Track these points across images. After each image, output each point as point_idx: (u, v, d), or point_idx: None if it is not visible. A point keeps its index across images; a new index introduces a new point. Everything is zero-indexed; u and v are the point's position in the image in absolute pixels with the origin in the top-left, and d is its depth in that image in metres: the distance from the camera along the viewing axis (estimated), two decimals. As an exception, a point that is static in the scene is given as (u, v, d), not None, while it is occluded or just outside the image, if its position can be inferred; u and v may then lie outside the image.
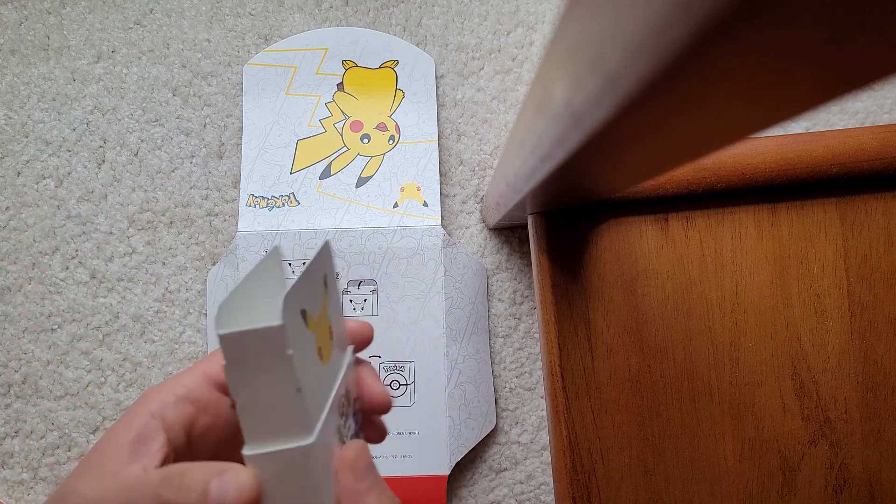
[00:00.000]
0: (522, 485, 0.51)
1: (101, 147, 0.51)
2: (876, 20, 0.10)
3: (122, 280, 0.50)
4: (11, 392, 0.49)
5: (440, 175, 0.51)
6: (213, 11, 0.52)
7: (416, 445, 0.47)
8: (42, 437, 0.48)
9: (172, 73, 0.51)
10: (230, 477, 0.20)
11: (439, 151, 0.51)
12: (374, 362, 0.49)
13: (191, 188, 0.51)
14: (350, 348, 0.26)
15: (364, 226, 0.49)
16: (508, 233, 0.52)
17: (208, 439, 0.24)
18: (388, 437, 0.29)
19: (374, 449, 0.25)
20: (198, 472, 0.20)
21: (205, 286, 0.50)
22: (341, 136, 0.50)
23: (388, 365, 0.48)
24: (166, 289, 0.50)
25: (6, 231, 0.50)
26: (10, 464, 0.49)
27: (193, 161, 0.51)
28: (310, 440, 0.20)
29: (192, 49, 0.52)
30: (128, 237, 0.50)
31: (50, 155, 0.51)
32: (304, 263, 0.48)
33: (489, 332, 0.51)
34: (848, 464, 0.38)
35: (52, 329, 0.50)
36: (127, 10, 0.52)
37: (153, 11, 0.52)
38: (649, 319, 0.38)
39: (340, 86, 0.51)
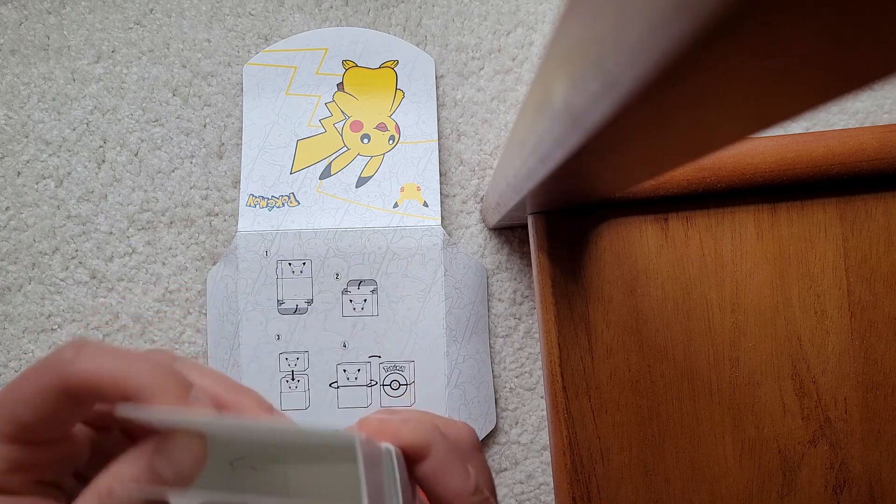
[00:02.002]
0: (522, 485, 0.51)
1: (101, 147, 0.51)
2: (876, 20, 0.10)
3: (122, 280, 0.50)
4: (11, 392, 0.49)
5: (440, 175, 0.51)
6: (213, 11, 0.52)
7: (416, 445, 0.47)
8: (42, 437, 0.48)
9: (172, 73, 0.51)
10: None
11: (439, 151, 0.51)
12: (374, 362, 0.49)
13: (191, 188, 0.51)
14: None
15: (364, 226, 0.49)
16: (508, 233, 0.52)
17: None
18: None
19: None
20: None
21: (205, 286, 0.50)
22: (341, 136, 0.50)
23: (388, 365, 0.48)
24: (166, 289, 0.50)
25: (6, 231, 0.50)
26: (10, 464, 0.49)
27: (193, 161, 0.51)
28: None
29: (192, 49, 0.52)
30: (128, 237, 0.50)
31: (50, 155, 0.51)
32: (304, 263, 0.48)
33: (489, 332, 0.51)
34: (848, 464, 0.38)
35: (52, 329, 0.50)
36: (127, 10, 0.52)
37: (153, 11, 0.52)
38: (649, 319, 0.38)
39: (340, 86, 0.51)
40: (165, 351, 0.22)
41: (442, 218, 0.50)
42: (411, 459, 0.22)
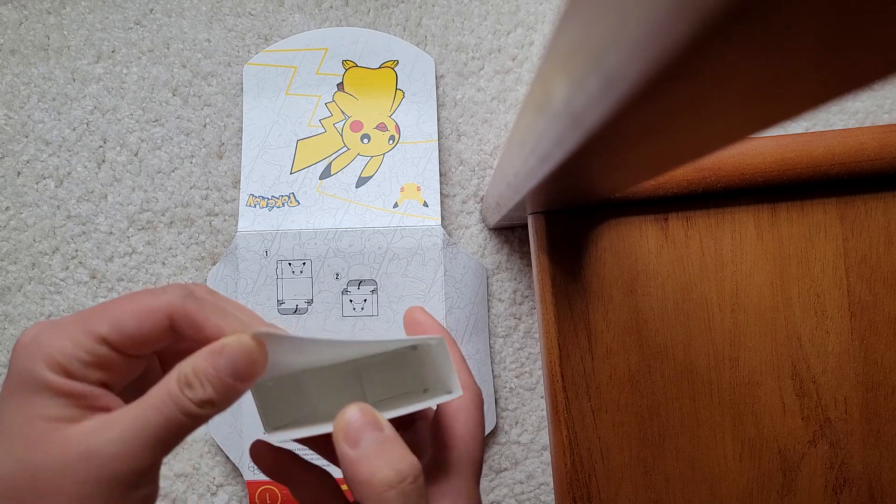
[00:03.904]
0: (522, 485, 0.51)
1: (101, 147, 0.51)
2: (876, 21, 0.10)
3: (122, 280, 0.50)
4: (11, 392, 0.49)
5: (440, 175, 0.51)
6: (213, 11, 0.52)
7: (416, 445, 0.47)
8: (42, 437, 0.48)
9: (172, 73, 0.51)
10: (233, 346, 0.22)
11: (439, 151, 0.51)
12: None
13: (191, 188, 0.51)
14: None
15: (364, 226, 0.49)
16: (508, 233, 0.52)
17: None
18: None
19: None
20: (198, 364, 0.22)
21: (205, 286, 0.50)
22: (341, 136, 0.50)
23: (388, 365, 0.48)
24: (166, 289, 0.50)
25: (6, 231, 0.50)
26: (10, 464, 0.49)
27: (193, 161, 0.51)
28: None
29: (192, 49, 0.52)
30: (128, 237, 0.50)
31: (50, 155, 0.51)
32: (303, 263, 0.48)
33: (489, 332, 0.51)
34: (848, 464, 0.38)
35: (52, 329, 0.50)
36: (127, 10, 0.52)
37: (153, 11, 0.52)
38: (649, 319, 0.38)
39: (340, 86, 0.51)
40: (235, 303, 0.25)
41: (442, 218, 0.50)
42: None
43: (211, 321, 0.22)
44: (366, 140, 0.50)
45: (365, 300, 0.48)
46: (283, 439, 0.23)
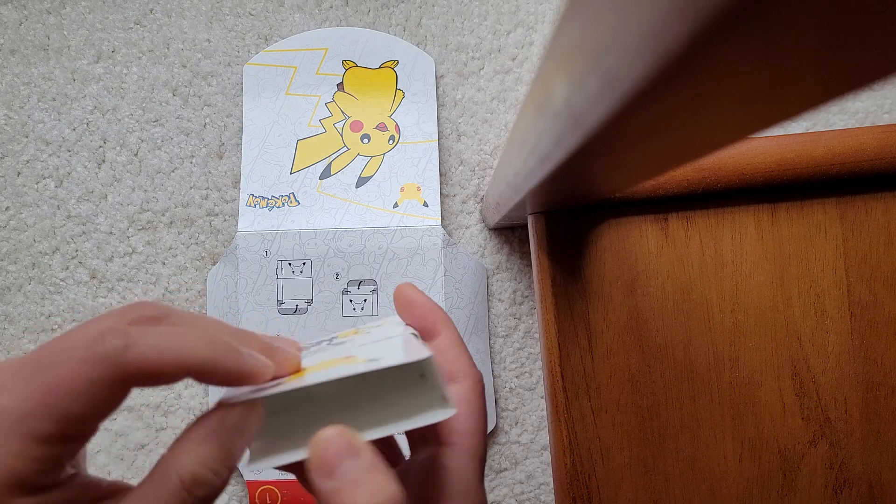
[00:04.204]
0: (522, 485, 0.51)
1: (101, 147, 0.51)
2: (876, 21, 0.10)
3: (122, 280, 0.50)
4: (11, 392, 0.49)
5: (440, 175, 0.51)
6: (213, 11, 0.52)
7: (416, 445, 0.47)
8: (42, 437, 0.48)
9: (172, 73, 0.51)
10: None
11: (439, 151, 0.51)
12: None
13: (191, 188, 0.51)
14: None
15: (364, 226, 0.49)
16: (508, 233, 0.52)
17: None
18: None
19: None
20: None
21: (205, 286, 0.50)
22: (341, 136, 0.50)
23: (388, 365, 0.48)
24: (166, 289, 0.50)
25: (6, 231, 0.50)
26: (10, 464, 0.49)
27: (193, 161, 0.51)
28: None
29: (192, 49, 0.52)
30: (128, 237, 0.50)
31: (50, 155, 0.51)
32: (304, 263, 0.48)
33: (489, 332, 0.51)
34: (848, 464, 0.38)
35: (52, 329, 0.50)
36: (127, 10, 0.52)
37: (153, 11, 0.52)
38: (649, 319, 0.38)
39: (340, 86, 0.51)
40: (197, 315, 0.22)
41: (442, 218, 0.50)
42: (426, 335, 0.27)
43: (165, 361, 0.19)
44: (366, 140, 0.50)
45: (365, 300, 0.48)
46: (261, 468, 0.22)
